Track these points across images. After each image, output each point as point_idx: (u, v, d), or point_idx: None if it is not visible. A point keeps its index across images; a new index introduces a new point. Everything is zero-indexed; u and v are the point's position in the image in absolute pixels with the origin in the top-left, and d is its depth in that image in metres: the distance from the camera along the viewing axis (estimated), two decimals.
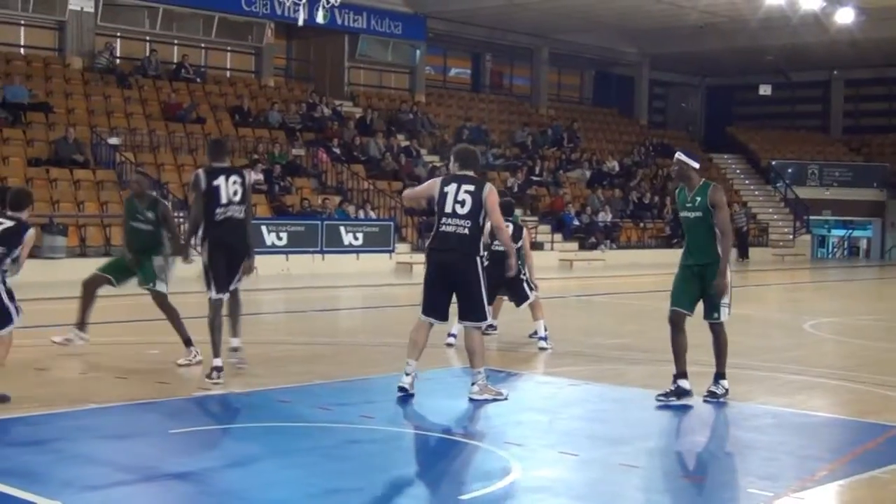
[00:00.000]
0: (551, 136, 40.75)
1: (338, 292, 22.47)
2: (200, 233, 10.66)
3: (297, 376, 11.04)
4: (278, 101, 33.68)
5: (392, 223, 29.10)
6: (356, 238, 27.85)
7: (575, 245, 34.21)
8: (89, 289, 12.38)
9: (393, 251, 28.53)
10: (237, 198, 10.60)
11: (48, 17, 30.92)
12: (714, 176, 45.18)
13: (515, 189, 34.88)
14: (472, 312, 9.74)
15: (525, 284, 13.32)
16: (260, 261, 23.55)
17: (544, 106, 43.99)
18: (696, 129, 51.58)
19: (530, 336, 13.66)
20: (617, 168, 40.30)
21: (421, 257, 30.59)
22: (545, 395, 10.73)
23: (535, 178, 36.49)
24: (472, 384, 9.85)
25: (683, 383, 9.65)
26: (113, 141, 27.69)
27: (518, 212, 33.97)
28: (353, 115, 35.49)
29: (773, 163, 46.08)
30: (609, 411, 9.84)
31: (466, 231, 9.55)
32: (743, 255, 38.62)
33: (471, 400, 9.72)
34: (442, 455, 8.04)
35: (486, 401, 9.66)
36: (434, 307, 9.79)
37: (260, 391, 10.36)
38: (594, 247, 34.27)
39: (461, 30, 39.43)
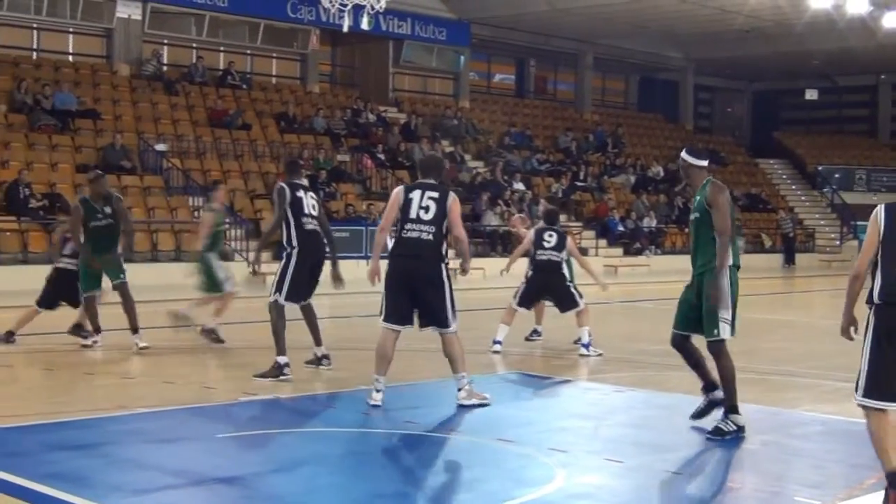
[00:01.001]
0: (595, 141, 40.62)
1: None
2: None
3: (342, 382, 11.07)
4: (323, 107, 33.81)
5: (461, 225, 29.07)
6: None
7: (619, 251, 34.08)
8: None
9: None
10: (315, 212, 11.28)
11: (96, 25, 31.23)
12: (760, 181, 44.90)
13: (560, 194, 34.81)
14: (436, 319, 9.63)
15: (574, 291, 13.35)
16: None
17: (589, 111, 43.86)
18: (742, 135, 51.24)
19: (575, 342, 13.63)
20: (662, 173, 40.11)
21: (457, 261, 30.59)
22: (590, 402, 10.69)
23: (579, 184, 36.40)
24: (459, 389, 9.70)
25: (715, 394, 8.97)
26: (160, 147, 27.91)
27: (562, 217, 34.08)
28: (398, 120, 35.56)
29: (820, 168, 45.69)
30: (654, 418, 9.79)
31: (431, 237, 9.51)
32: (789, 261, 38.33)
33: (459, 406, 9.63)
34: (486, 461, 8.04)
35: (474, 405, 9.59)
36: (399, 314, 9.63)
37: (305, 396, 10.41)
38: (639, 252, 34.12)
39: (505, 35, 39.40)
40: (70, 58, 31.75)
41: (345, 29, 23.71)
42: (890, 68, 45.11)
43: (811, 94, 47.28)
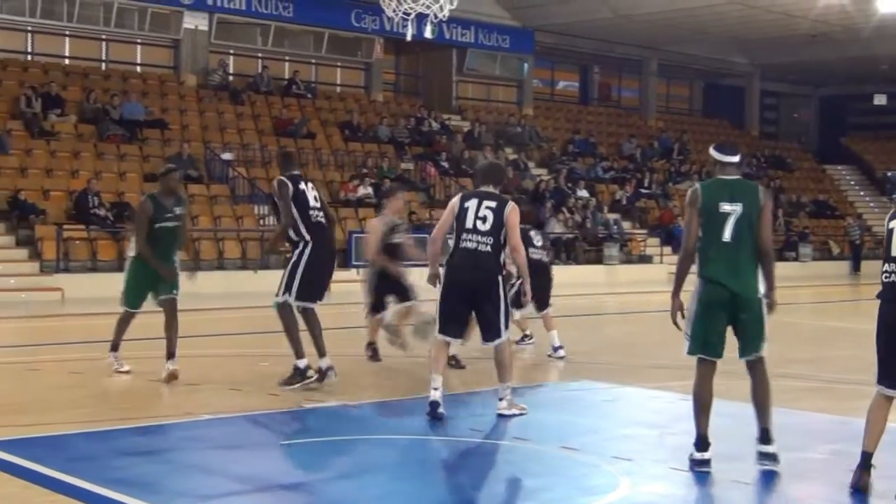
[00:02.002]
0: (660, 147, 40.36)
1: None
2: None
3: (406, 389, 11.06)
4: (387, 115, 33.92)
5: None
6: None
7: None
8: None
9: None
10: (318, 203, 10.71)
11: (164, 36, 31.62)
12: (827, 188, 44.33)
13: (624, 202, 34.62)
14: (490, 332, 9.40)
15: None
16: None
17: (653, 117, 43.60)
18: (809, 140, 50.63)
19: (557, 349, 13.49)
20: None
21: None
22: (655, 410, 10.58)
23: (643, 191, 36.17)
24: (500, 399, 9.51)
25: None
26: (226, 156, 28.15)
27: (626, 224, 33.96)
28: (461, 128, 35.58)
29: (889, 174, 44.99)
30: (721, 427, 9.63)
31: (489, 248, 9.21)
32: (856, 268, 37.79)
33: (499, 415, 9.43)
34: (550, 469, 7.98)
35: (514, 415, 9.39)
36: (454, 326, 9.48)
37: (369, 403, 10.40)
38: None
39: (569, 42, 39.29)
40: (138, 68, 32.17)
41: (408, 38, 23.77)
42: None
43: (879, 100, 46.60)
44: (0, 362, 13.45)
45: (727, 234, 7.45)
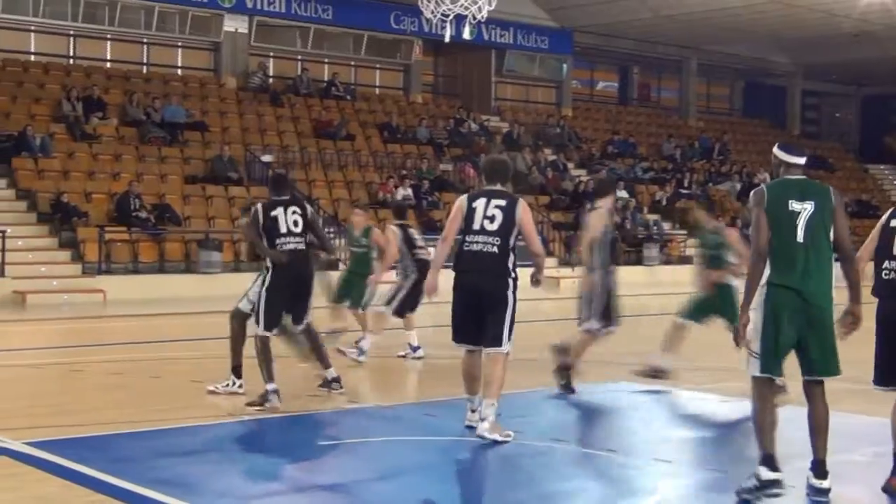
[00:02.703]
0: (700, 148, 40.14)
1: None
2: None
3: (444, 390, 11.05)
4: (426, 117, 33.95)
5: (539, 238, 28.92)
6: None
7: None
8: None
9: None
10: (298, 228, 10.13)
11: (204, 39, 31.80)
12: (870, 187, 43.91)
13: (664, 202, 34.46)
14: (493, 338, 8.65)
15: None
16: None
17: (693, 118, 43.38)
18: (852, 140, 50.19)
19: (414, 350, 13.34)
20: (768, 180, 39.41)
21: (569, 271, 30.25)
22: (695, 412, 10.53)
23: (683, 191, 35.96)
24: (482, 420, 8.61)
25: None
26: (266, 158, 28.26)
27: (666, 225, 33.79)
28: (500, 129, 35.55)
29: None
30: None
31: (496, 249, 8.63)
32: None
33: (479, 437, 8.56)
34: (590, 471, 7.96)
35: (497, 441, 8.46)
36: (474, 333, 8.74)
37: (406, 405, 10.41)
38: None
39: (608, 43, 39.16)
40: (179, 71, 32.35)
41: (446, 39, 23.79)
42: None
43: None
44: (43, 363, 13.57)
45: (800, 235, 6.77)
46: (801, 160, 7.05)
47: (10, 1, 27.89)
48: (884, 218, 7.43)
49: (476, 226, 8.67)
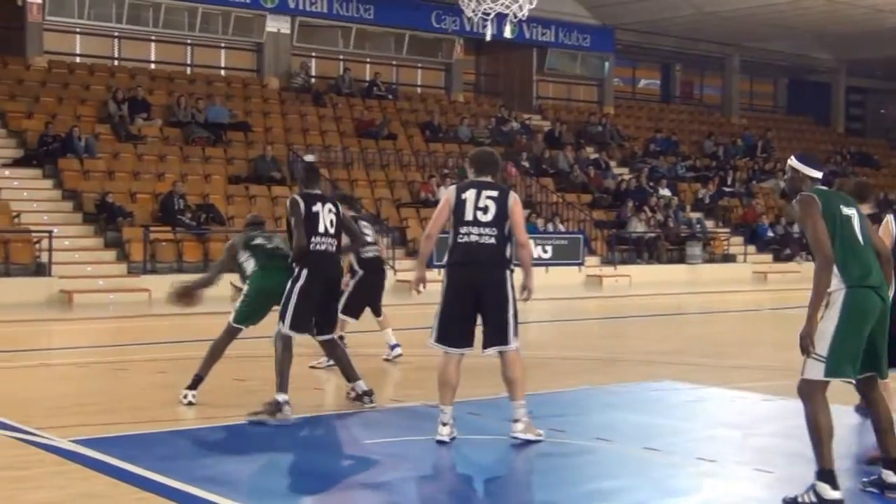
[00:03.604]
0: (743, 145, 39.89)
1: (526, 305, 22.45)
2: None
3: (487, 389, 11.04)
4: (468, 115, 33.95)
5: (581, 236, 28.93)
6: (545, 251, 27.74)
7: (769, 257, 33.34)
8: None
9: (582, 264, 28.35)
10: (332, 229, 9.73)
11: (247, 40, 31.98)
12: None
13: (707, 200, 34.28)
14: (499, 335, 8.43)
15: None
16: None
17: (736, 115, 43.13)
18: None
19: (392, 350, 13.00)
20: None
21: (611, 270, 30.16)
22: (738, 411, 10.47)
23: (726, 189, 35.77)
24: (515, 420, 8.53)
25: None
26: (308, 157, 28.35)
27: (709, 223, 33.63)
28: (542, 128, 35.50)
29: None
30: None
31: (493, 240, 8.31)
32: None
33: (513, 438, 8.52)
34: (632, 470, 7.94)
35: (529, 441, 8.46)
36: (460, 335, 8.41)
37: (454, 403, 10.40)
38: (790, 258, 33.33)
39: (650, 40, 39.00)
40: (222, 72, 32.56)
41: (487, 38, 23.79)
42: None
43: None
44: (89, 362, 13.71)
45: (861, 238, 6.76)
46: (822, 174, 7.00)
47: (56, 3, 28.16)
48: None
49: (468, 217, 8.35)
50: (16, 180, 24.33)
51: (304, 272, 9.57)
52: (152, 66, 31.58)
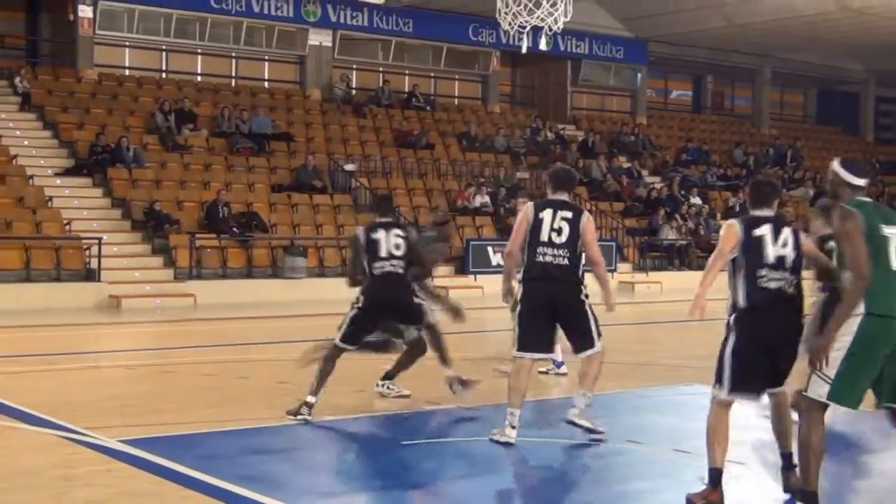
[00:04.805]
0: (773, 155, 39.63)
1: None
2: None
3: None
4: (503, 126, 33.94)
5: (614, 243, 28.81)
6: None
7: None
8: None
9: (615, 270, 28.22)
10: (399, 251, 9.77)
11: (290, 53, 32.14)
12: None
13: (737, 208, 34.04)
14: (585, 340, 8.78)
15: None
16: (488, 279, 23.82)
17: (766, 125, 42.86)
18: None
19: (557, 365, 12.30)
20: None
21: (643, 276, 29.96)
22: (768, 415, 10.36)
23: None
24: (573, 406, 8.85)
25: None
26: (349, 167, 28.46)
27: None
28: (576, 138, 35.42)
29: None
30: (834, 433, 9.45)
31: (566, 261, 8.52)
32: None
33: (569, 422, 8.79)
34: (662, 471, 7.90)
35: (582, 427, 8.73)
36: (539, 342, 8.72)
37: (487, 406, 10.40)
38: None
39: (682, 52, 38.83)
40: (266, 84, 32.70)
41: (523, 50, 23.73)
42: None
43: None
44: (136, 364, 13.80)
45: (894, 262, 6.22)
46: (866, 182, 6.55)
47: (106, 18, 28.41)
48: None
49: (544, 238, 8.54)
50: (67, 189, 24.53)
51: (363, 297, 9.81)
52: (198, 78, 31.76)
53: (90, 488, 7.20)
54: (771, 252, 6.83)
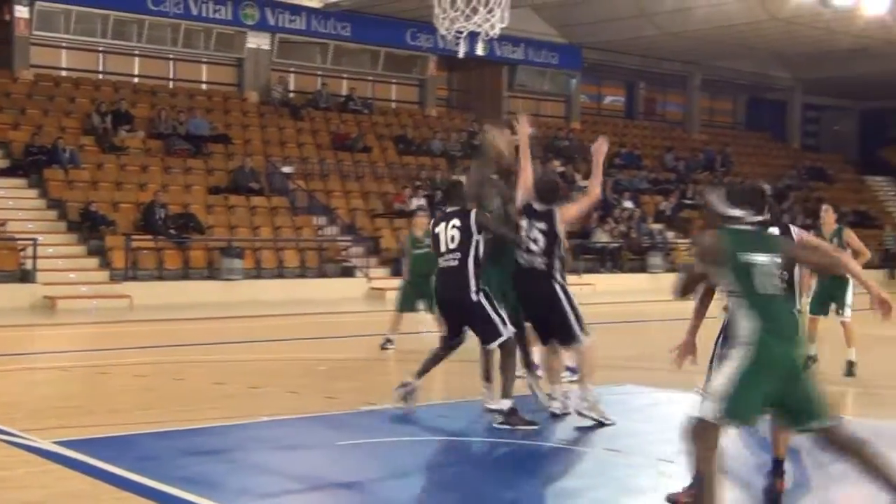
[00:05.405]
0: (703, 160, 40.10)
1: None
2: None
3: (454, 391, 11.07)
4: (440, 130, 34.01)
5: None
6: None
7: None
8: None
9: None
10: (454, 244, 9.26)
11: (228, 55, 31.95)
12: (867, 199, 43.72)
13: (668, 212, 34.43)
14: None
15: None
16: None
17: (696, 131, 43.35)
18: (850, 152, 49.96)
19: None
20: (770, 190, 39.35)
21: (577, 278, 30.19)
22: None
23: (686, 202, 35.94)
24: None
25: None
26: (286, 169, 28.36)
27: (670, 234, 33.77)
28: (512, 142, 35.49)
29: None
30: (762, 431, 9.58)
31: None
32: (892, 275, 37.31)
33: (579, 414, 9.24)
34: (594, 470, 7.97)
35: (590, 419, 9.18)
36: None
37: (422, 407, 10.42)
38: None
39: (615, 59, 39.16)
40: (203, 86, 32.45)
41: (460, 55, 23.76)
42: None
43: None
44: (71, 366, 13.64)
45: (758, 286, 5.99)
46: (743, 213, 6.44)
47: (43, 19, 28.09)
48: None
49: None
50: (1, 189, 24.17)
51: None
52: (136, 80, 31.43)
53: (25, 490, 7.11)
54: None
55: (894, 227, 40.55)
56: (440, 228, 9.38)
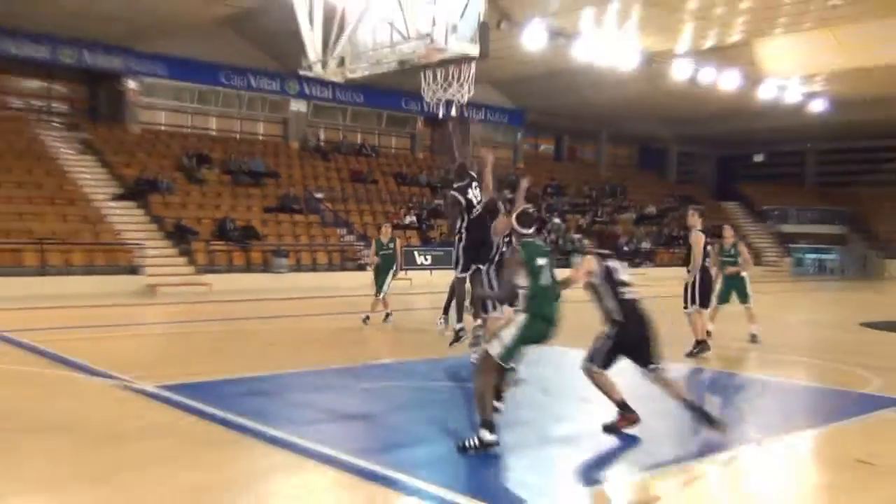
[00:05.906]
0: (608, 190, 40.21)
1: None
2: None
3: (425, 352, 11.03)
4: (425, 168, 33.95)
5: None
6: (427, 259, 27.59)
7: (625, 264, 33.47)
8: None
9: None
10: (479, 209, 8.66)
11: (277, 115, 31.81)
12: (724, 218, 43.82)
13: (584, 226, 34.47)
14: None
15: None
16: (414, 273, 23.73)
17: (604, 170, 43.44)
18: (710, 185, 50.22)
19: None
20: (654, 212, 39.56)
21: None
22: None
23: (597, 219, 36.04)
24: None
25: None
26: (318, 195, 28.26)
27: (586, 242, 33.73)
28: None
29: (765, 208, 44.62)
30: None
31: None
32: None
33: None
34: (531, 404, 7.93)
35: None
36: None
37: (414, 360, 10.38)
38: (639, 266, 33.65)
39: (549, 119, 39.23)
40: (260, 137, 32.28)
41: (440, 116, 23.77)
42: (814, 138, 43.94)
43: (758, 157, 46.23)
44: (167, 332, 13.56)
45: (543, 281, 6.58)
46: (532, 230, 6.93)
47: (147, 89, 27.95)
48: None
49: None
50: (119, 209, 23.99)
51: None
52: (213, 132, 31.25)
53: (140, 419, 7.09)
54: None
55: (742, 237, 40.66)
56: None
